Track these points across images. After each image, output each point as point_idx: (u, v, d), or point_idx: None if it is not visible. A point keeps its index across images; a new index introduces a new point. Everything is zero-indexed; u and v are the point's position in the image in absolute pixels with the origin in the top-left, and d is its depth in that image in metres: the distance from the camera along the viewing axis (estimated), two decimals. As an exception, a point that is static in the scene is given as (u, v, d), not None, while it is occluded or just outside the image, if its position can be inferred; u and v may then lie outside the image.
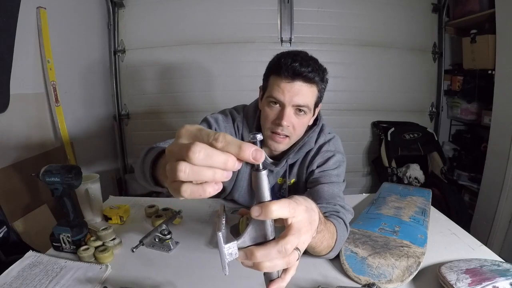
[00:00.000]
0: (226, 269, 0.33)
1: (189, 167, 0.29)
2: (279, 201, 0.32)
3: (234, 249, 0.33)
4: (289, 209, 0.33)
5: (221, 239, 0.32)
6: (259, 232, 0.34)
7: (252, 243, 0.34)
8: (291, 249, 0.34)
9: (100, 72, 2.07)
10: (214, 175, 0.30)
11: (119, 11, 2.10)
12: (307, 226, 0.37)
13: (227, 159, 0.30)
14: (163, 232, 0.78)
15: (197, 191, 0.30)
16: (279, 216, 0.32)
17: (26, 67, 1.36)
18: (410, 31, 2.22)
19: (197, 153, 0.29)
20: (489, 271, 0.62)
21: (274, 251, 0.33)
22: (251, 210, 0.32)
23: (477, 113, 2.13)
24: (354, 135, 2.30)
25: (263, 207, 0.31)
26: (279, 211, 0.32)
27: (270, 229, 0.34)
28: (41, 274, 0.66)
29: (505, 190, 1.70)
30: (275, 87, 0.79)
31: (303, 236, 0.36)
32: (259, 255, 0.33)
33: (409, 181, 2.08)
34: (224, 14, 2.08)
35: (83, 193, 0.90)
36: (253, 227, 0.34)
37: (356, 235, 0.80)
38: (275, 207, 0.32)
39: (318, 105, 0.86)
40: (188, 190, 0.30)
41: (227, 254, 0.33)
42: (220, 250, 0.33)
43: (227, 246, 0.33)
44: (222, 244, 0.32)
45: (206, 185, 0.30)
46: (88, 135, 1.87)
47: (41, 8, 1.40)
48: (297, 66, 0.75)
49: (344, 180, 0.89)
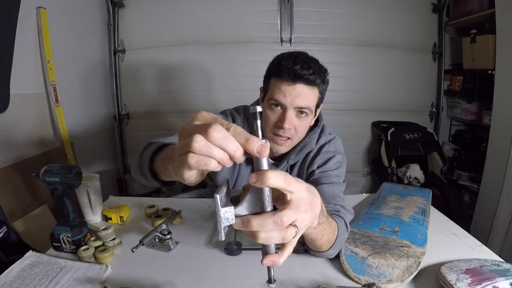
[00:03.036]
0: (222, 233, 0.33)
1: (204, 141, 0.31)
2: (276, 171, 0.33)
3: (231, 214, 0.34)
4: (284, 180, 0.33)
5: (218, 201, 0.33)
6: (257, 201, 0.35)
7: (249, 212, 0.35)
8: (287, 222, 0.34)
9: (100, 72, 2.07)
10: (222, 157, 0.32)
11: (119, 11, 2.10)
12: (306, 205, 0.37)
13: (238, 147, 0.32)
14: (163, 232, 0.78)
15: (203, 160, 0.32)
16: (274, 185, 0.33)
17: (26, 67, 1.36)
18: (410, 31, 2.22)
19: (216, 131, 0.31)
20: (489, 271, 0.62)
21: (270, 222, 0.33)
22: (249, 177, 0.33)
23: (477, 113, 2.13)
24: (354, 135, 2.30)
25: (260, 174, 0.32)
26: (274, 180, 0.32)
27: (268, 200, 0.35)
28: (41, 274, 0.66)
29: (505, 190, 1.69)
30: (277, 90, 0.79)
31: (302, 214, 0.36)
32: (255, 223, 0.33)
33: (409, 181, 2.07)
34: (224, 14, 2.08)
35: (83, 193, 0.90)
36: (251, 196, 0.35)
37: (356, 235, 0.80)
38: (271, 174, 0.32)
39: (319, 106, 0.86)
40: (195, 157, 0.32)
41: (224, 218, 0.33)
42: (216, 213, 0.33)
43: (224, 209, 0.33)
44: (219, 206, 0.33)
45: (212, 159, 0.32)
46: (88, 135, 1.87)
47: (41, 8, 1.40)
48: (298, 69, 0.75)
49: (345, 181, 0.89)
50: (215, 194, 0.33)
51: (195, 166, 0.32)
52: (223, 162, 0.33)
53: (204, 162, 0.32)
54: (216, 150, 0.32)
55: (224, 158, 0.32)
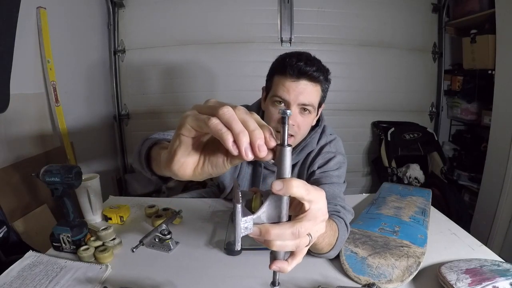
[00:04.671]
0: (240, 243, 0.32)
1: (232, 110, 0.30)
2: (298, 179, 0.32)
3: (249, 224, 0.32)
4: (305, 189, 0.32)
5: (239, 211, 0.31)
6: (275, 210, 0.34)
7: (267, 221, 0.34)
8: (305, 233, 0.34)
9: (100, 72, 2.07)
10: (244, 132, 0.30)
11: (119, 11, 2.10)
12: (324, 215, 0.36)
13: (260, 133, 0.30)
14: (163, 232, 0.78)
15: (221, 127, 0.30)
16: (297, 195, 0.32)
17: (26, 67, 1.36)
18: (410, 31, 2.22)
19: (241, 109, 0.31)
20: (489, 271, 0.62)
21: (288, 232, 0.33)
22: (272, 184, 0.31)
23: (477, 113, 2.13)
24: (354, 135, 2.30)
25: (286, 182, 0.31)
26: (297, 188, 0.31)
27: (286, 208, 0.34)
28: (41, 274, 0.66)
29: (505, 190, 1.70)
30: (280, 86, 0.79)
31: (318, 224, 0.35)
32: (273, 233, 0.32)
33: (409, 181, 2.07)
34: (224, 14, 2.08)
35: (83, 193, 0.90)
36: (270, 204, 0.33)
37: (356, 235, 0.80)
38: (295, 183, 0.31)
39: (321, 105, 0.87)
40: (217, 121, 0.30)
41: (243, 228, 0.32)
42: (236, 223, 0.31)
43: (244, 219, 0.32)
44: (240, 216, 0.31)
45: (229, 133, 0.30)
46: (88, 135, 1.87)
47: (41, 8, 1.40)
48: (302, 65, 0.76)
49: (345, 182, 0.89)
50: (236, 202, 0.31)
51: (213, 129, 0.30)
52: (242, 139, 0.30)
53: (223, 130, 0.30)
54: (238, 123, 0.30)
55: (244, 136, 0.30)
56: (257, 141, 0.30)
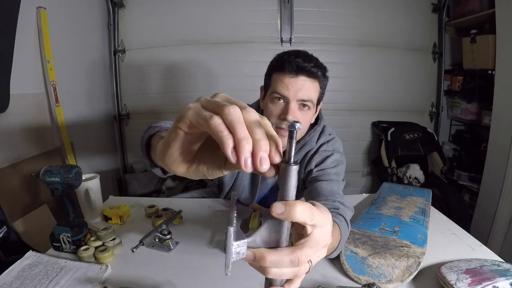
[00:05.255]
0: (229, 268, 0.29)
1: (239, 111, 0.27)
2: (304, 203, 0.28)
3: (242, 248, 0.29)
4: (310, 214, 0.29)
5: (231, 235, 0.28)
6: (273, 234, 0.30)
7: (263, 245, 0.30)
8: (305, 261, 0.31)
9: (100, 72, 2.07)
10: (247, 139, 0.26)
11: (119, 11, 2.10)
12: (328, 240, 0.32)
13: (266, 144, 0.27)
14: (163, 232, 0.78)
15: (223, 128, 0.26)
16: (301, 220, 0.28)
17: (26, 67, 1.36)
18: (410, 31, 2.22)
19: (251, 112, 0.27)
20: (489, 271, 0.62)
21: (286, 260, 0.30)
22: (272, 207, 0.28)
23: (477, 113, 2.13)
24: (354, 135, 2.30)
25: (288, 206, 0.27)
26: (302, 214, 0.28)
27: (286, 233, 0.30)
28: (41, 274, 0.66)
29: (505, 190, 1.70)
30: (279, 83, 0.80)
31: (320, 250, 0.32)
32: (270, 260, 0.29)
33: (409, 181, 2.07)
34: (224, 14, 2.08)
35: (83, 193, 0.90)
36: (268, 227, 0.30)
37: (356, 235, 0.80)
38: (300, 207, 0.28)
39: (319, 102, 0.87)
40: (219, 120, 0.26)
41: (234, 253, 0.29)
42: (227, 247, 0.28)
43: (237, 244, 0.29)
44: (232, 241, 0.28)
45: (230, 135, 0.26)
46: (88, 135, 1.87)
47: (41, 8, 1.40)
48: (300, 61, 0.77)
49: (344, 180, 0.89)
50: (228, 226, 0.28)
51: (214, 129, 0.26)
52: (241, 149, 0.26)
53: (224, 133, 0.26)
54: (243, 126, 0.26)
55: (245, 147, 0.26)
56: (260, 152, 0.26)
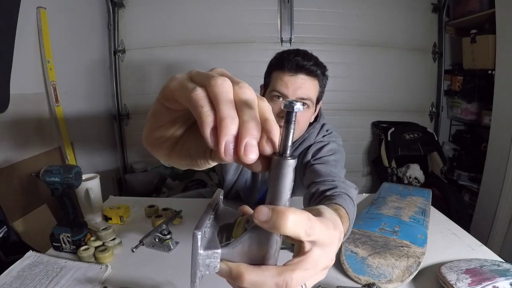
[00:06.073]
0: (196, 283, 0.23)
1: (230, 86, 0.21)
2: (300, 212, 0.21)
3: (214, 260, 0.23)
4: (305, 228, 0.21)
5: (198, 240, 0.22)
6: (257, 247, 0.23)
7: (244, 259, 0.23)
8: (296, 286, 0.22)
9: (100, 72, 2.07)
10: (232, 119, 0.20)
11: (119, 11, 2.10)
12: (330, 261, 0.24)
13: (256, 127, 0.21)
14: (163, 232, 0.78)
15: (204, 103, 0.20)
16: (293, 234, 0.21)
17: (26, 67, 1.36)
18: (410, 31, 2.22)
19: (244, 87, 0.22)
20: (489, 271, 0.62)
21: (271, 283, 0.22)
22: (256, 211, 0.21)
23: (477, 113, 2.13)
24: (354, 135, 2.30)
25: (276, 213, 0.20)
26: (296, 226, 0.20)
27: (275, 249, 0.23)
28: (41, 274, 0.66)
29: (505, 190, 1.70)
30: (279, 81, 0.80)
31: (318, 273, 0.24)
32: (249, 280, 0.22)
33: (409, 181, 2.07)
34: (224, 14, 2.08)
35: (83, 193, 0.90)
36: (251, 238, 0.23)
37: (356, 235, 0.80)
38: (293, 217, 0.20)
39: (319, 101, 0.87)
40: (202, 94, 0.21)
41: (202, 265, 0.22)
42: (192, 256, 0.22)
43: (205, 253, 0.22)
44: (198, 248, 0.22)
45: (211, 113, 0.21)
46: (88, 135, 1.87)
47: (41, 8, 1.40)
48: (300, 60, 0.78)
49: (345, 169, 0.87)
50: (195, 229, 0.22)
51: (193, 103, 0.20)
52: (222, 130, 0.20)
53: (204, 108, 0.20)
54: (232, 109, 0.21)
55: (228, 128, 0.20)
56: (247, 137, 0.20)
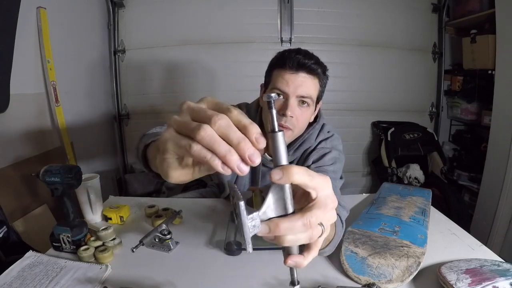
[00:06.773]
0: (250, 244, 0.29)
1: (211, 130, 0.28)
2: (299, 166, 0.30)
3: (257, 221, 0.29)
4: (307, 175, 0.30)
5: (243, 209, 0.28)
6: (279, 202, 0.31)
7: (274, 215, 0.31)
8: (316, 223, 0.32)
9: (100, 72, 2.07)
10: (229, 152, 0.28)
11: (119, 11, 2.10)
12: (334, 201, 0.34)
13: (246, 144, 0.28)
14: (163, 232, 0.78)
15: (205, 153, 0.28)
16: (299, 182, 0.30)
17: (26, 67, 1.36)
18: (410, 31, 2.22)
19: (221, 120, 0.28)
20: (489, 271, 0.62)
21: (299, 224, 0.30)
22: (271, 174, 0.29)
23: (477, 113, 2.13)
24: (354, 135, 2.30)
25: (284, 169, 0.29)
26: (299, 175, 0.29)
27: (290, 198, 0.31)
28: (41, 274, 0.66)
29: (505, 190, 1.69)
30: (279, 79, 0.80)
31: (329, 212, 0.33)
32: (283, 227, 0.30)
33: (409, 181, 2.07)
34: (224, 14, 2.08)
35: (83, 193, 0.90)
36: (273, 196, 0.31)
37: (356, 235, 0.80)
38: (295, 169, 0.29)
39: (319, 101, 0.87)
40: (198, 147, 0.28)
41: (251, 227, 0.29)
42: (242, 223, 0.28)
43: (251, 217, 0.29)
44: (245, 214, 0.28)
45: (215, 156, 0.28)
46: (88, 135, 1.87)
47: (41, 8, 1.40)
48: (301, 58, 0.78)
49: (342, 177, 0.89)
50: (238, 201, 0.28)
51: (196, 155, 0.28)
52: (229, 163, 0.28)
53: (204, 155, 0.28)
54: (222, 143, 0.28)
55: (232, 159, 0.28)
56: (246, 154, 0.28)
